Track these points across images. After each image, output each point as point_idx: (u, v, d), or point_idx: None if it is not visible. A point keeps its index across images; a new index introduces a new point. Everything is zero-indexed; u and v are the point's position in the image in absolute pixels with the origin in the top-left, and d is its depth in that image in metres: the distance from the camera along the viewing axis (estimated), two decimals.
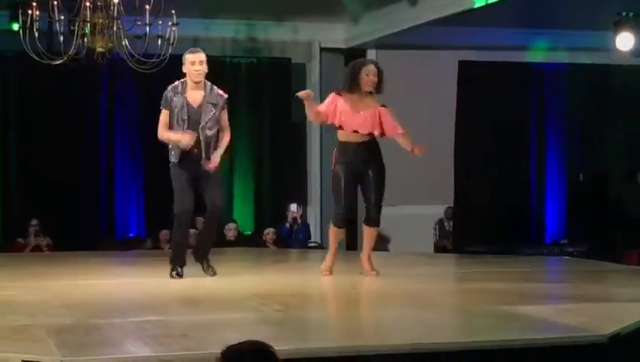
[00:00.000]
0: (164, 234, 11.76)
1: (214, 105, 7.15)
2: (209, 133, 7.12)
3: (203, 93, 7.15)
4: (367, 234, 7.38)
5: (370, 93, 7.29)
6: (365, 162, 7.24)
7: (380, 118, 7.25)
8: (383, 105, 7.33)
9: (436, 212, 13.13)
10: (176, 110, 7.09)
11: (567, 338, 4.67)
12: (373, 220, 7.35)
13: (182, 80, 7.23)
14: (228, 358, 2.90)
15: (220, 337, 4.46)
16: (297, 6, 12.60)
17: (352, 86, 7.22)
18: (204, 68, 7.15)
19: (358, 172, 7.25)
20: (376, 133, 7.26)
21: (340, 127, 7.20)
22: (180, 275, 7.08)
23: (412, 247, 11.67)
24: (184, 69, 7.18)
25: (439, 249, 12.79)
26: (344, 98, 7.21)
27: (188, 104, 7.11)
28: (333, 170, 7.29)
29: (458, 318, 5.68)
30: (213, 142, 7.16)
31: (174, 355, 4.22)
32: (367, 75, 7.22)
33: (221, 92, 7.26)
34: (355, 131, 7.18)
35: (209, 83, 7.24)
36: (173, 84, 7.23)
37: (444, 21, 11.53)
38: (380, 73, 7.30)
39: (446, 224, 13.18)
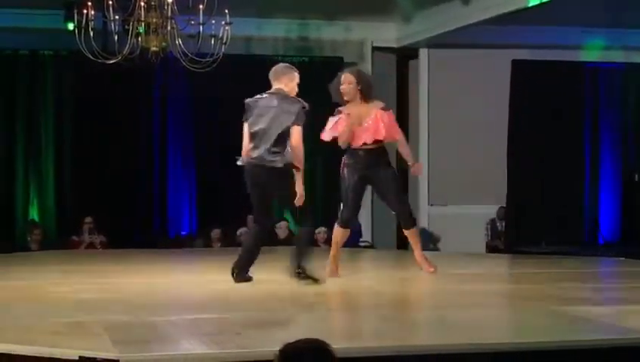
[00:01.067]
0: (215, 233, 11.84)
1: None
2: None
3: None
4: (410, 237, 7.40)
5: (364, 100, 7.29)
6: (372, 167, 7.25)
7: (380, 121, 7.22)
8: (383, 108, 7.31)
9: (489, 212, 13.04)
10: None
11: (624, 339, 4.60)
12: (406, 223, 7.34)
13: None
14: (286, 356, 2.90)
15: (274, 335, 4.46)
16: (349, 5, 12.59)
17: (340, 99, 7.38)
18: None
19: (365, 177, 7.29)
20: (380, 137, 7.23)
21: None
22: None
23: (464, 247, 11.60)
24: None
25: (491, 249, 12.70)
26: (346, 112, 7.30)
27: None
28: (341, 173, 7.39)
29: (512, 319, 5.62)
30: None
31: (230, 353, 4.22)
32: (342, 85, 7.35)
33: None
34: (364, 143, 7.23)
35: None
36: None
37: (497, 20, 11.44)
38: (359, 78, 7.34)
39: (498, 224, 13.08)
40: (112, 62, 9.10)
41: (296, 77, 7.07)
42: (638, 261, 9.83)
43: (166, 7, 8.94)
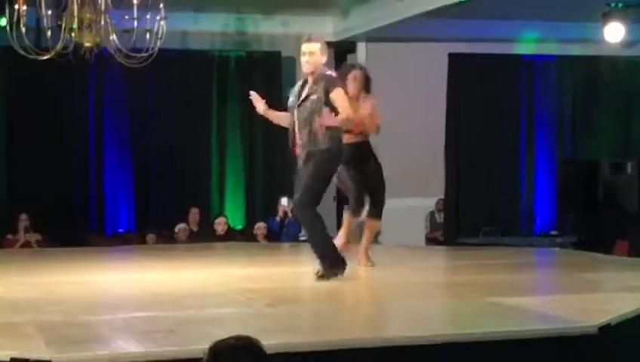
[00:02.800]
0: (150, 238, 11.75)
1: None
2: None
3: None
4: (367, 227, 7.42)
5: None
6: (358, 160, 7.29)
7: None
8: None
9: (427, 204, 13.14)
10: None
11: (557, 329, 4.67)
12: (372, 213, 7.37)
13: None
14: (216, 353, 2.89)
15: (208, 332, 4.44)
16: None
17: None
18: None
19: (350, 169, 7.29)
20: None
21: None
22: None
23: (403, 240, 11.66)
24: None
25: (430, 241, 12.82)
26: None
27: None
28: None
29: (448, 310, 5.68)
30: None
31: (163, 351, 4.20)
32: (355, 80, 7.33)
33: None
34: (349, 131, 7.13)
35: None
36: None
37: (433, 13, 11.51)
38: (366, 78, 7.46)
39: (437, 216, 13.20)
40: (45, 58, 8.97)
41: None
42: (572, 251, 10.01)
43: (100, 2, 8.83)
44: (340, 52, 13.74)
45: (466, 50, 13.23)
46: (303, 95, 6.62)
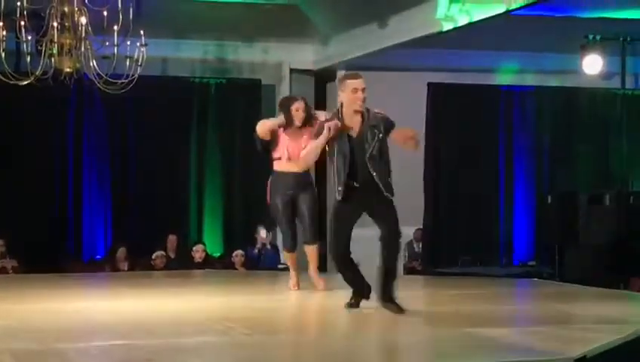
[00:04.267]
0: (121, 251, 11.69)
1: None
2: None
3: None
4: (312, 253, 7.72)
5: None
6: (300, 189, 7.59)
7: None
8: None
9: (405, 233, 13.10)
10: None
11: (534, 360, 4.66)
12: (310, 239, 7.69)
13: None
14: None
15: (186, 361, 4.41)
16: (267, 27, 12.63)
17: (287, 120, 7.52)
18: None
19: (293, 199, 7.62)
20: None
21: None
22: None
23: None
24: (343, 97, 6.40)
25: (408, 270, 12.80)
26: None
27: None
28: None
29: (425, 342, 5.66)
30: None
31: None
32: (297, 111, 7.49)
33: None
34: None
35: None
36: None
37: (413, 43, 11.60)
38: (307, 108, 7.58)
39: (415, 246, 13.20)
40: (24, 83, 8.95)
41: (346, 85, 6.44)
42: (550, 282, 10.02)
43: (80, 28, 8.83)
44: (320, 81, 13.80)
45: (446, 80, 13.30)
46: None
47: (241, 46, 13.17)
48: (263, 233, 12.34)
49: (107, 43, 8.86)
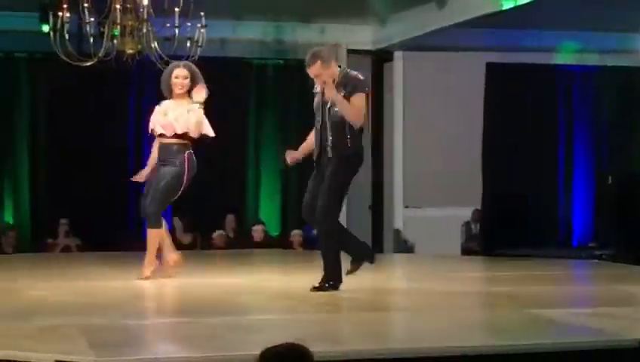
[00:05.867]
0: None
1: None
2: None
3: None
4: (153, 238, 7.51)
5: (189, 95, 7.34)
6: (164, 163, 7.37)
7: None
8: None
9: (463, 214, 13.10)
10: None
11: (596, 342, 4.65)
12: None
13: None
14: (266, 359, 2.93)
15: (249, 339, 4.48)
16: (325, 8, 12.61)
17: (166, 92, 7.41)
18: None
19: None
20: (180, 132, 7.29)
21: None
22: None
23: (439, 249, 11.65)
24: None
25: (466, 251, 12.77)
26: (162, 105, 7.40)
27: None
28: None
29: (486, 321, 5.67)
30: None
31: (206, 357, 4.24)
32: (177, 78, 7.35)
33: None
34: (161, 135, 7.35)
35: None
36: None
37: (471, 23, 11.50)
38: (192, 74, 7.40)
39: (473, 227, 13.15)
40: (87, 64, 9.09)
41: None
42: (610, 263, 9.94)
43: (142, 10, 8.93)
44: (377, 61, 13.77)
45: (504, 59, 13.19)
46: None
47: (299, 26, 13.19)
48: None
49: (168, 24, 8.96)
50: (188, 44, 9.08)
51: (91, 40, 9.01)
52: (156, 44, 9.05)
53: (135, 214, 12.49)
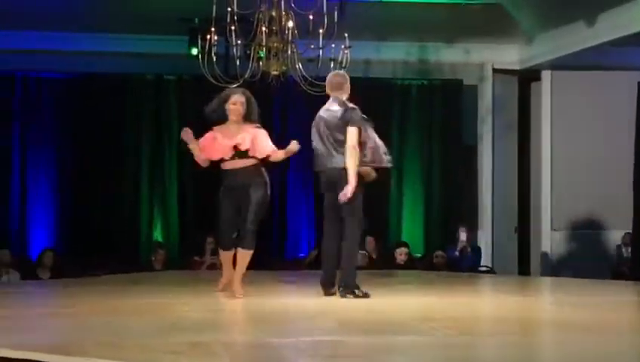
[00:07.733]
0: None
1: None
2: None
3: None
4: (242, 258, 7.47)
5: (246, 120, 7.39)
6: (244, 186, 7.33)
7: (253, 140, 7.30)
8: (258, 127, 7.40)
9: (614, 237, 12.72)
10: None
11: None
12: (243, 242, 7.41)
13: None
14: None
15: (392, 360, 4.42)
16: (469, 27, 12.51)
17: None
18: None
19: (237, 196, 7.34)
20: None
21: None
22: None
23: (587, 273, 11.31)
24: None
25: (617, 275, 12.35)
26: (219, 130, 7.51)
27: None
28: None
29: (630, 352, 5.43)
30: None
31: None
32: (234, 105, 7.36)
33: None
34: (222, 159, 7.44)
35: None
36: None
37: (622, 41, 11.19)
38: (248, 101, 7.42)
39: (624, 250, 12.74)
40: (234, 86, 9.27)
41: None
42: None
43: (287, 32, 9.07)
44: (524, 80, 13.55)
45: None
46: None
47: (443, 47, 13.12)
48: (462, 236, 12.27)
49: (312, 46, 9.06)
50: (332, 65, 9.15)
51: (237, 62, 9.21)
52: (300, 65, 9.17)
53: (278, 233, 12.71)
